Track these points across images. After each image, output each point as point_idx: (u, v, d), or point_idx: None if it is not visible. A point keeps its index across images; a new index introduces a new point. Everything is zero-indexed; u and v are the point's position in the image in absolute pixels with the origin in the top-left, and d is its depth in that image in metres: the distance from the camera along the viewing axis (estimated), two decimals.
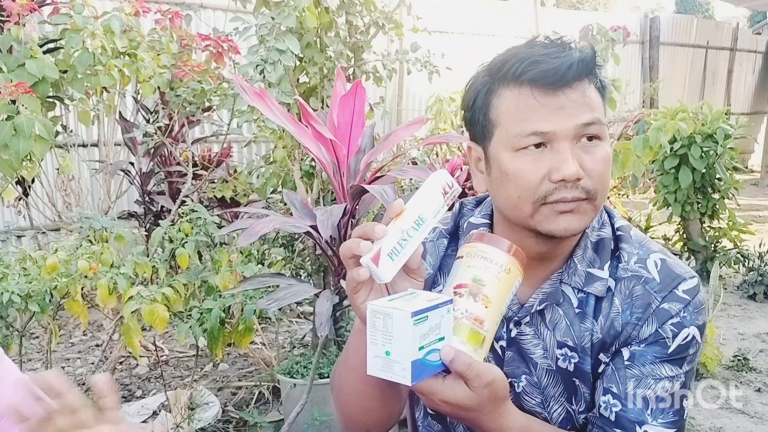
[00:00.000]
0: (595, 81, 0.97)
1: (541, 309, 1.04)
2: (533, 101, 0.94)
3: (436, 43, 4.80)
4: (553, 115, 0.94)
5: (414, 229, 0.88)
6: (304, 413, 2.50)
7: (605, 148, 0.97)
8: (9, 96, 2.90)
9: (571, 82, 0.94)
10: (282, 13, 2.37)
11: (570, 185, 0.94)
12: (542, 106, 0.94)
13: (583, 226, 0.98)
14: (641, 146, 3.42)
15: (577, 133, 0.94)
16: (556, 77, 0.93)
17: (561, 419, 1.06)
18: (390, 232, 0.86)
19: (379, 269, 0.85)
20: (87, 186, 4.32)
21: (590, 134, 0.95)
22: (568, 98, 0.94)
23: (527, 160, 0.96)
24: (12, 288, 2.20)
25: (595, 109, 0.95)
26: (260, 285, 2.21)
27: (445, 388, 0.87)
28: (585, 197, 0.95)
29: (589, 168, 0.94)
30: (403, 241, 0.87)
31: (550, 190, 0.94)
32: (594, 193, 0.95)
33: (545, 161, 0.94)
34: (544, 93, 0.94)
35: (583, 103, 0.94)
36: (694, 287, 1.01)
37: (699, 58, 10.78)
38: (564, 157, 0.93)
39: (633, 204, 6.39)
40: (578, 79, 0.94)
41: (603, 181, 0.97)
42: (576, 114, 0.94)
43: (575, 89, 0.94)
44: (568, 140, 0.94)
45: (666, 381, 0.99)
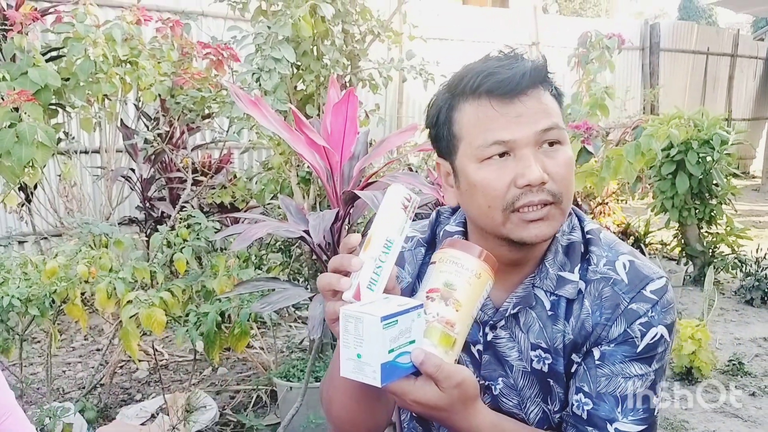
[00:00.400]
0: (550, 89, 1.01)
1: (515, 312, 1.07)
2: (492, 111, 0.98)
3: (436, 51, 4.85)
4: (513, 123, 0.98)
5: (385, 254, 0.91)
6: (299, 416, 2.54)
7: (567, 152, 1.01)
8: (12, 104, 2.96)
9: (525, 90, 0.98)
10: (278, 22, 2.41)
11: (536, 189, 0.98)
12: (501, 115, 0.98)
13: (554, 232, 1.02)
14: (633, 152, 3.44)
15: (538, 139, 0.98)
16: (511, 86, 0.97)
17: (538, 419, 1.09)
18: (364, 262, 0.89)
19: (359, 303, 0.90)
20: (89, 192, 4.37)
21: (550, 139, 0.99)
22: (525, 106, 0.98)
23: (492, 170, 0.99)
24: (12, 292, 2.25)
25: (552, 115, 0.99)
26: (255, 289, 2.25)
27: (417, 389, 0.90)
28: (552, 200, 0.99)
29: (553, 172, 0.98)
30: (378, 269, 0.91)
31: (517, 195, 0.98)
32: (560, 196, 0.99)
33: (510, 169, 0.98)
34: (501, 102, 0.98)
35: (540, 109, 0.98)
36: (662, 287, 1.04)
37: (700, 64, 10.80)
38: (527, 162, 0.97)
39: (633, 210, 6.40)
40: (532, 87, 0.98)
41: (567, 183, 1.00)
42: (534, 121, 0.98)
43: (531, 97, 0.98)
44: (530, 146, 0.98)
45: (636, 379, 1.02)
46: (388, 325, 0.85)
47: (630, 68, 9.72)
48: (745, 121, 11.32)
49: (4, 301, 2.22)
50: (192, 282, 2.74)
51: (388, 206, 0.93)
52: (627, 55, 9.51)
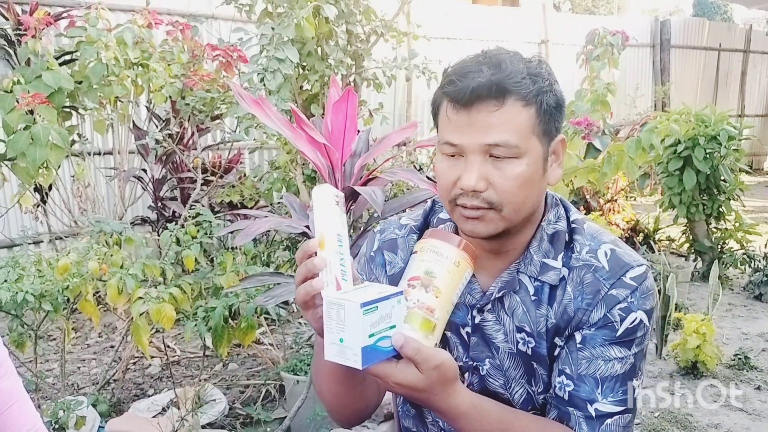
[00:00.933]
0: (524, 101, 1.01)
1: (500, 296, 1.12)
2: (450, 113, 1.03)
3: (443, 50, 4.89)
4: (463, 129, 1.02)
5: (341, 247, 0.97)
6: (305, 408, 2.60)
7: (518, 167, 1.01)
8: (26, 106, 3.04)
9: (474, 103, 1.00)
10: (282, 23, 2.47)
11: (470, 194, 1.03)
12: (457, 120, 1.02)
13: (490, 232, 1.05)
14: (634, 148, 3.46)
15: (484, 150, 1.01)
16: (463, 97, 1.00)
17: (522, 400, 1.14)
18: (328, 260, 0.95)
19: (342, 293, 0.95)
20: (102, 193, 4.46)
21: (497, 154, 1.01)
22: (475, 117, 1.01)
23: (446, 165, 1.06)
24: (26, 288, 2.32)
25: (504, 131, 0.99)
26: (260, 283, 2.31)
27: (398, 371, 0.95)
28: (487, 207, 1.03)
29: (496, 182, 1.01)
30: (342, 261, 0.97)
31: (458, 194, 1.04)
32: (499, 204, 1.02)
33: (458, 168, 1.04)
34: (455, 109, 1.02)
35: (490, 123, 1.00)
36: (641, 274, 1.08)
37: (711, 60, 10.73)
38: (469, 168, 1.02)
39: (643, 207, 6.41)
40: (488, 98, 0.99)
41: (509, 195, 1.02)
42: (483, 133, 1.00)
43: (481, 110, 1.00)
44: (477, 154, 1.01)
45: (615, 362, 1.07)
46: (368, 311, 0.89)
47: (641, 65, 9.69)
48: (758, 117, 11.23)
49: (18, 297, 2.30)
50: (201, 278, 2.80)
51: (323, 206, 0.98)
52: (637, 52, 9.49)
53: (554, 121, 1.05)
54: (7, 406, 1.08)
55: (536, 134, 1.02)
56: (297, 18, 2.51)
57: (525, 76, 1.01)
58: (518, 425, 1.05)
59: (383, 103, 3.90)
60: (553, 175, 1.09)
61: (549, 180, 1.08)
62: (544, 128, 1.03)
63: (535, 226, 1.12)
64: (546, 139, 1.04)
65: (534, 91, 1.01)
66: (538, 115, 1.02)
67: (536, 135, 1.02)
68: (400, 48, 3.85)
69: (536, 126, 1.02)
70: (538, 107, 1.02)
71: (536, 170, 1.03)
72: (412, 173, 2.19)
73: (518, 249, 1.12)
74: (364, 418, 1.27)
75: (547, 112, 1.03)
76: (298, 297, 0.98)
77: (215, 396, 2.89)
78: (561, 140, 1.08)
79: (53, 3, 4.28)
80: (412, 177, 2.08)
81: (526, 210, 1.05)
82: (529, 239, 1.12)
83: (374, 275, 1.23)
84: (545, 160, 1.05)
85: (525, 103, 1.01)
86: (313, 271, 0.95)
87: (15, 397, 1.10)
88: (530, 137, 1.02)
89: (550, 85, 1.03)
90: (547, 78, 1.03)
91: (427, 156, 4.61)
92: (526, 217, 1.07)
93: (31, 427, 1.10)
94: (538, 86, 1.01)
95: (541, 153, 1.04)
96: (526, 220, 1.08)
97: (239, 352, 3.65)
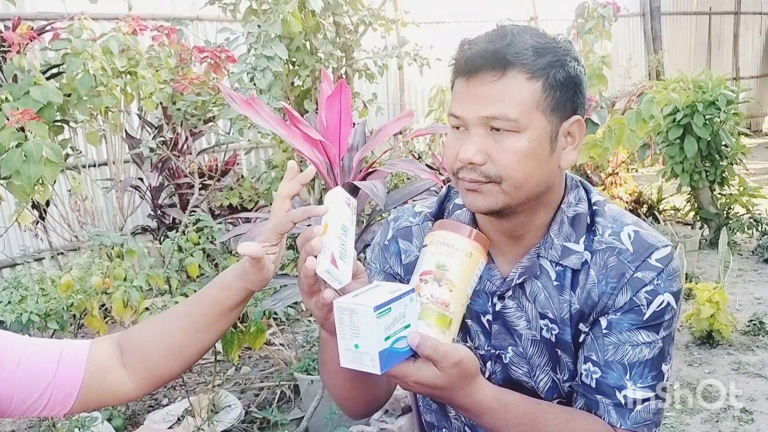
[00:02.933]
0: (528, 74, 0.97)
1: (521, 282, 1.09)
2: (457, 86, 1.02)
3: (432, 35, 4.84)
4: (465, 101, 1.00)
5: (344, 235, 0.95)
6: (321, 408, 2.57)
7: (518, 141, 0.98)
8: (16, 123, 3.00)
9: (475, 73, 0.98)
10: (268, 20, 2.42)
11: (469, 167, 1.00)
12: (460, 92, 1.01)
13: (490, 206, 1.02)
14: (634, 120, 3.41)
15: (484, 122, 0.99)
16: (467, 67, 0.99)
17: (547, 388, 1.11)
18: (327, 242, 0.92)
19: (339, 270, 0.92)
20: (101, 204, 4.42)
21: (496, 126, 0.98)
22: (475, 89, 0.98)
23: (452, 138, 1.04)
24: (30, 308, 2.29)
25: (503, 103, 0.97)
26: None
27: (416, 370, 0.91)
28: (485, 181, 1.00)
29: (494, 156, 0.99)
30: (343, 245, 0.94)
31: (459, 167, 1.02)
32: (498, 178, 0.99)
33: (461, 141, 1.01)
34: (462, 80, 1.01)
35: (491, 95, 0.97)
36: (667, 255, 1.05)
37: (703, 25, 10.65)
38: (469, 140, 1.00)
39: (645, 178, 6.36)
40: (491, 69, 0.97)
41: (508, 170, 0.99)
42: (482, 105, 0.98)
43: (481, 81, 0.98)
44: (478, 126, 0.99)
45: (643, 347, 1.03)
46: (381, 314, 0.86)
47: (632, 35, 9.60)
48: (753, 78, 11.15)
49: (23, 318, 2.27)
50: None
51: (335, 203, 0.97)
52: (628, 22, 9.41)
53: (567, 98, 1.00)
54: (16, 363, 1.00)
55: (541, 110, 0.98)
56: (283, 13, 2.47)
57: (529, 47, 0.97)
58: (544, 417, 1.02)
59: (376, 93, 3.86)
60: (567, 159, 1.04)
61: (561, 163, 1.03)
62: (553, 105, 0.99)
63: (553, 208, 1.08)
64: (555, 116, 1.00)
65: (541, 64, 0.97)
66: (545, 90, 0.98)
67: (541, 110, 0.98)
68: (390, 36, 3.80)
69: (542, 101, 0.98)
70: (545, 81, 0.98)
71: (540, 147, 0.99)
72: (411, 163, 2.15)
73: (537, 233, 1.09)
74: (374, 410, 1.25)
75: (556, 88, 0.98)
76: (299, 283, 0.96)
77: (230, 401, 2.87)
78: (576, 121, 1.03)
79: (36, 17, 4.23)
80: (412, 167, 2.04)
81: (530, 188, 1.01)
82: (549, 222, 1.08)
83: (388, 264, 1.20)
84: (553, 139, 1.01)
85: (529, 76, 0.97)
86: (311, 254, 0.92)
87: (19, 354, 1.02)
88: (533, 112, 0.98)
89: (562, 60, 0.99)
90: (559, 53, 0.99)
91: (424, 144, 4.56)
92: (535, 197, 1.03)
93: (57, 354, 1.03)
94: (546, 60, 0.97)
95: (548, 130, 1.00)
96: (538, 200, 1.04)
97: (251, 355, 3.63)
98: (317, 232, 0.93)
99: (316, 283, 0.94)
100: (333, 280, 0.91)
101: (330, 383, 1.16)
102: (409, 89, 6.76)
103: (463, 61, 0.99)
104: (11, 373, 0.99)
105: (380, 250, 1.22)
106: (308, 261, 0.92)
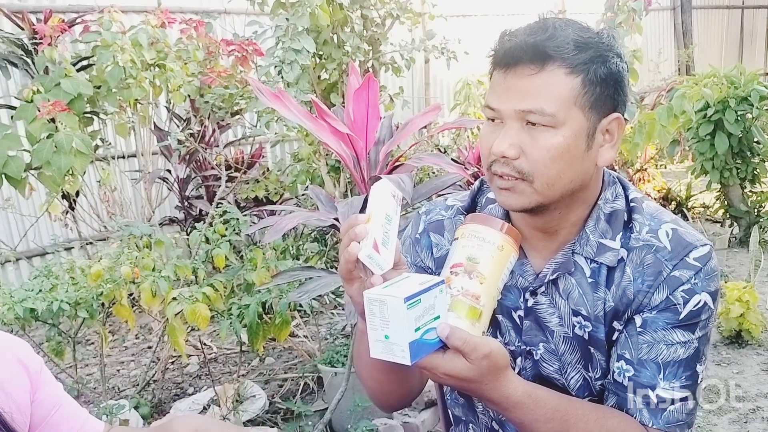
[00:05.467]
0: (568, 68, 0.96)
1: (555, 278, 1.07)
2: (493, 77, 1.01)
3: (459, 28, 4.81)
4: (502, 94, 0.99)
5: (388, 223, 0.96)
6: (345, 400, 2.58)
7: (553, 137, 0.97)
8: (47, 115, 3.05)
9: (513, 66, 0.97)
10: (296, 13, 2.43)
11: (502, 161, 0.99)
12: (498, 84, 1.00)
13: (523, 205, 1.01)
14: (666, 115, 3.36)
15: (520, 116, 0.97)
16: (506, 59, 0.98)
17: (578, 386, 1.09)
18: (371, 229, 0.93)
19: (381, 256, 0.92)
20: (129, 195, 4.48)
21: (532, 120, 0.97)
22: (513, 82, 0.97)
23: (487, 131, 1.03)
24: (61, 297, 2.33)
25: (540, 98, 0.96)
26: (292, 279, 2.29)
27: (445, 362, 0.91)
28: (517, 176, 0.99)
29: (527, 151, 0.98)
30: (386, 233, 0.94)
31: (492, 160, 1.01)
32: (530, 175, 0.98)
33: (495, 134, 1.00)
34: (499, 72, 1.00)
35: (527, 89, 0.96)
36: (706, 254, 1.03)
37: (735, 19, 10.45)
38: (503, 134, 0.98)
39: (673, 174, 6.27)
40: (529, 62, 0.96)
41: (541, 166, 0.98)
42: (518, 98, 0.97)
43: (519, 74, 0.96)
44: (514, 119, 0.98)
45: (678, 346, 1.02)
46: (411, 305, 0.86)
47: (662, 29, 9.46)
48: None
49: (54, 306, 2.31)
50: (232, 276, 2.80)
51: (380, 194, 0.99)
52: (658, 16, 9.27)
53: (607, 95, 0.98)
54: (51, 412, 1.08)
55: (580, 106, 0.97)
56: (311, 7, 2.47)
57: (570, 42, 0.95)
58: (575, 413, 1.00)
59: (402, 87, 3.85)
60: (604, 157, 1.02)
61: (598, 161, 1.02)
62: (592, 101, 0.97)
63: (589, 205, 1.07)
64: (594, 113, 0.98)
65: (581, 59, 0.95)
66: (584, 86, 0.96)
67: (579, 107, 0.97)
68: (417, 29, 3.78)
69: (580, 97, 0.96)
70: (585, 77, 0.96)
71: (576, 144, 0.98)
72: (438, 157, 2.14)
73: (572, 229, 1.08)
74: (407, 403, 1.25)
75: (596, 84, 0.97)
76: (340, 269, 0.96)
77: (254, 392, 2.89)
78: (616, 119, 1.01)
79: (66, 9, 4.28)
80: (438, 161, 2.04)
81: (563, 186, 1.00)
82: (584, 218, 1.07)
83: (420, 257, 1.20)
84: (590, 136, 0.99)
85: (569, 71, 0.96)
86: (354, 240, 0.92)
87: (57, 404, 1.09)
88: (571, 108, 0.96)
89: (604, 56, 0.97)
90: (602, 49, 0.97)
91: (450, 138, 4.54)
92: (569, 194, 1.02)
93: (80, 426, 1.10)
94: (587, 55, 0.96)
95: (585, 127, 0.98)
96: (573, 197, 1.03)
97: (275, 346, 3.65)
98: (361, 220, 0.94)
99: (356, 269, 0.94)
100: (374, 265, 0.92)
101: (364, 375, 1.16)
102: (435, 83, 6.73)
103: (502, 53, 0.98)
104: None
105: (411, 243, 1.22)
106: (351, 246, 0.92)
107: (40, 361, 1.09)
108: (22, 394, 1.03)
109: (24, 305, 2.29)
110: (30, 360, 1.06)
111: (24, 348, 1.07)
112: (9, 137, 3.07)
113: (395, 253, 0.96)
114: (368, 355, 0.93)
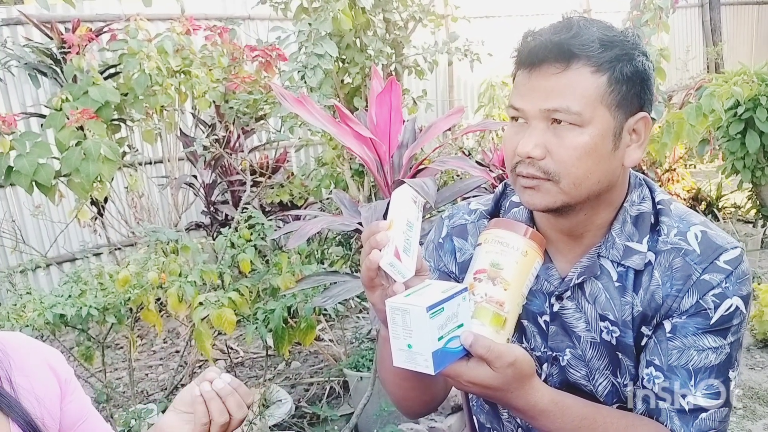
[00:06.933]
0: (594, 67, 0.94)
1: (581, 282, 1.05)
2: (519, 78, 1.00)
3: (482, 29, 4.78)
4: (527, 93, 0.97)
5: (409, 230, 0.94)
6: (371, 404, 2.58)
7: (579, 136, 0.95)
8: (76, 123, 3.10)
9: (538, 65, 0.95)
10: (319, 18, 2.43)
11: (527, 162, 0.97)
12: (522, 84, 0.98)
13: (548, 204, 0.99)
14: (694, 114, 3.29)
15: (545, 115, 0.96)
16: (530, 59, 0.96)
17: (607, 392, 1.07)
18: (392, 236, 0.92)
19: (402, 264, 0.91)
20: (156, 201, 4.53)
21: (558, 119, 0.95)
22: (538, 81, 0.96)
23: (511, 132, 1.01)
24: (90, 302, 2.36)
25: (565, 96, 0.94)
26: (316, 283, 2.29)
27: (470, 369, 0.90)
28: (543, 177, 0.97)
29: (553, 150, 0.96)
30: (407, 240, 0.93)
31: (517, 161, 0.99)
32: (556, 175, 0.96)
33: (520, 135, 0.99)
34: (524, 72, 0.98)
35: (554, 88, 0.95)
36: (737, 257, 1.00)
37: (766, 15, 10.24)
38: (528, 134, 0.97)
39: (703, 174, 6.16)
40: (554, 61, 0.94)
41: (567, 166, 0.96)
42: (544, 98, 0.95)
43: (544, 73, 0.95)
44: (539, 119, 0.96)
45: (710, 352, 0.99)
46: (434, 314, 0.85)
47: (690, 26, 9.30)
48: None
49: (83, 312, 2.34)
50: (258, 281, 2.81)
51: (402, 200, 0.97)
52: (685, 13, 9.12)
53: (633, 94, 0.97)
54: (78, 423, 1.09)
55: (605, 105, 0.95)
56: (333, 11, 2.47)
57: (595, 40, 0.94)
58: (603, 421, 0.98)
59: (426, 90, 3.84)
60: (631, 157, 1.00)
61: (625, 161, 1.00)
62: (618, 100, 0.95)
63: (615, 207, 1.05)
64: (620, 112, 0.96)
65: (607, 57, 0.94)
66: (610, 84, 0.95)
67: (605, 105, 0.95)
68: (440, 32, 3.77)
69: (606, 95, 0.95)
70: (611, 75, 0.94)
71: (602, 143, 0.96)
72: (462, 161, 2.13)
73: (598, 232, 1.05)
74: (431, 409, 1.24)
75: (622, 82, 0.95)
76: (362, 277, 0.95)
77: (281, 396, 2.90)
78: (643, 118, 0.99)
79: (94, 18, 4.35)
80: (462, 164, 2.02)
81: (589, 186, 0.98)
82: (610, 221, 1.05)
83: (443, 262, 1.19)
84: (617, 135, 0.97)
85: (594, 69, 0.94)
86: (376, 247, 0.91)
87: (84, 416, 1.10)
88: (597, 107, 0.94)
89: (630, 54, 0.95)
90: (627, 47, 0.96)
91: (474, 140, 4.52)
92: (595, 195, 0.99)
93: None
94: (612, 53, 0.94)
95: (612, 126, 0.96)
96: (599, 199, 1.01)
97: (300, 350, 3.66)
98: (382, 227, 0.93)
99: (378, 277, 0.94)
100: (396, 273, 0.91)
101: (388, 381, 1.15)
102: (458, 85, 6.70)
103: (526, 53, 0.97)
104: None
105: (435, 248, 1.20)
106: (372, 254, 0.91)
107: (70, 370, 1.11)
108: (52, 399, 1.05)
109: (54, 311, 2.33)
110: (61, 368, 1.08)
111: (56, 356, 1.09)
112: (39, 145, 3.12)
113: (417, 260, 0.95)
114: (391, 362, 0.92)
